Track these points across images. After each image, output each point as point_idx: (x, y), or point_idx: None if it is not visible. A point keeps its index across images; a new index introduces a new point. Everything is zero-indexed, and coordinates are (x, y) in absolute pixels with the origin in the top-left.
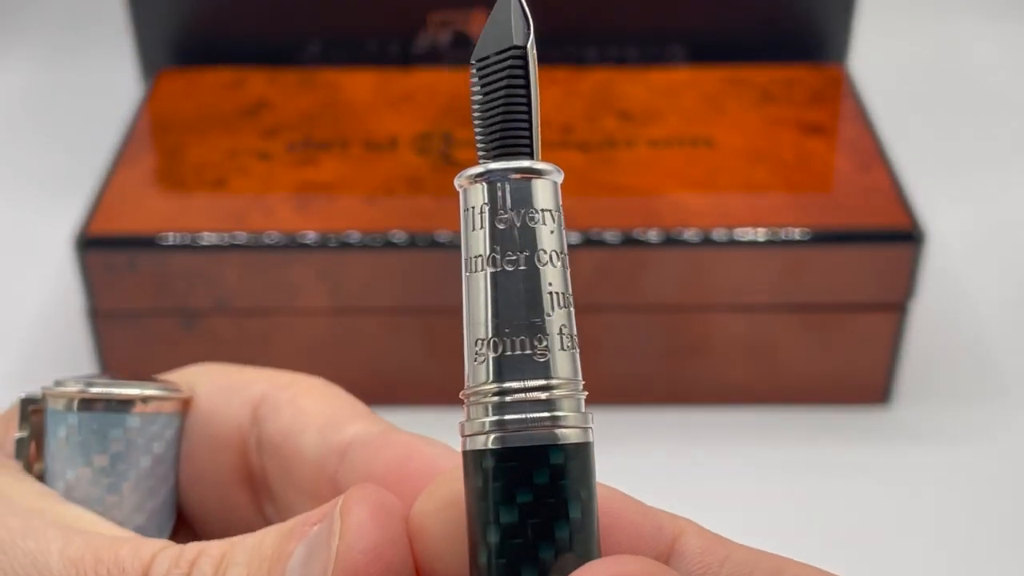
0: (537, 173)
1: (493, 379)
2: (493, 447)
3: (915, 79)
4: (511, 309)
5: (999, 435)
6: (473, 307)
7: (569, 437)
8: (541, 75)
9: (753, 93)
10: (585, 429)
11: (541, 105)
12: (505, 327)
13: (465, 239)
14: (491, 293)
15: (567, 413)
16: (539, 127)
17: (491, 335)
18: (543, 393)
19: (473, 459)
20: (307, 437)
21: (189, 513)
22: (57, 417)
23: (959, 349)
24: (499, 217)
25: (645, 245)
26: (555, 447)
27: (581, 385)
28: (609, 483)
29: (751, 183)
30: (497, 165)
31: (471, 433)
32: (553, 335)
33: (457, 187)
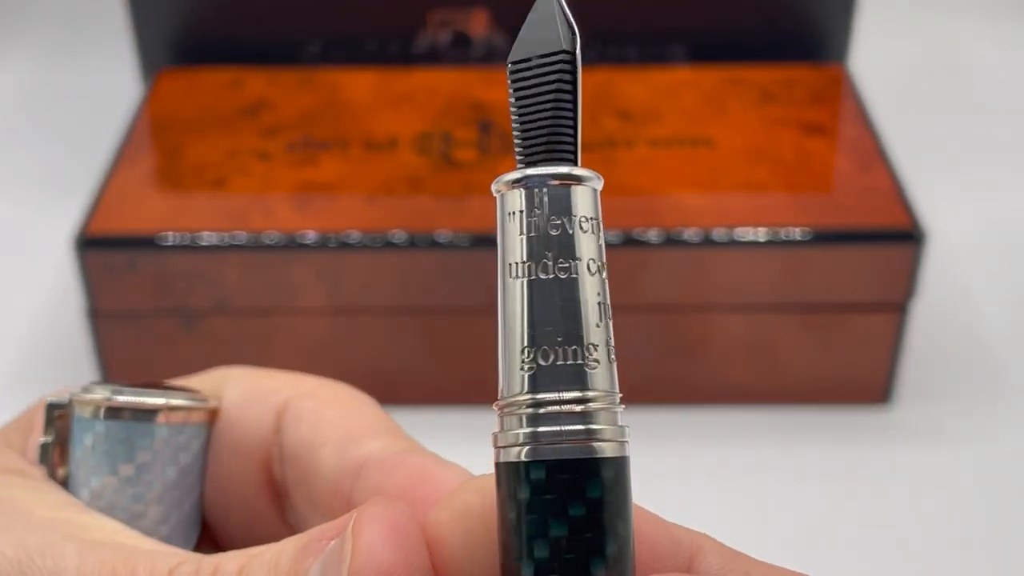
0: (577, 179)
1: (528, 390)
2: (527, 459)
3: (915, 79)
4: (548, 318)
5: (999, 435)
6: (509, 315)
7: (605, 450)
8: None
9: (753, 93)
10: (622, 443)
11: None
12: (542, 337)
13: (502, 245)
14: (528, 302)
15: (603, 426)
16: (580, 133)
17: (527, 344)
18: (579, 405)
19: (506, 471)
20: (325, 451)
21: (212, 521)
22: (84, 424)
23: (959, 349)
24: (537, 224)
25: (645, 245)
26: (591, 460)
27: (618, 398)
28: None
29: (751, 183)
30: (536, 171)
31: (505, 445)
32: (591, 346)
33: (494, 192)
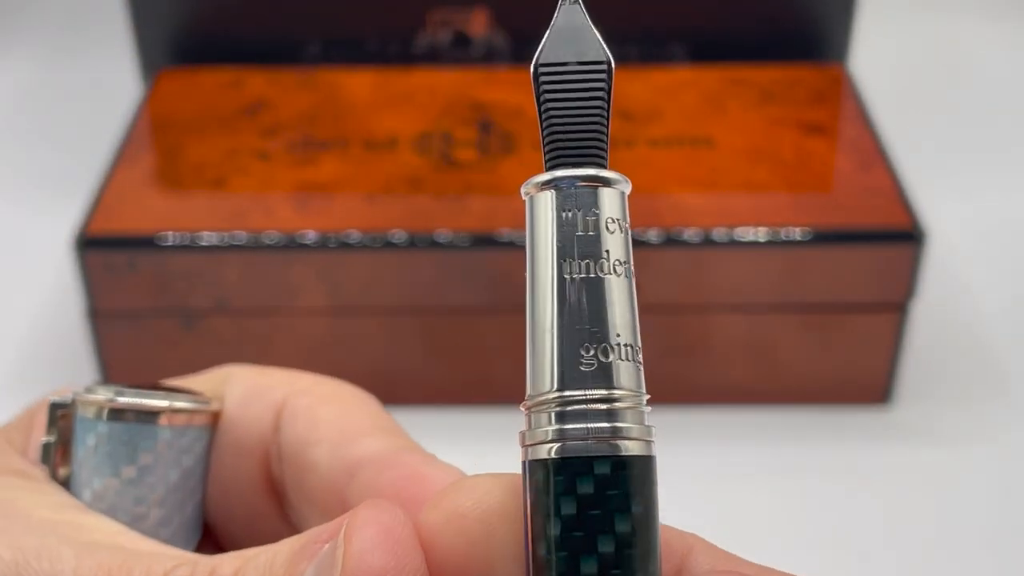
0: (605, 182)
1: (557, 388)
2: (555, 456)
3: (915, 79)
4: (576, 318)
5: (1000, 435)
6: (539, 315)
7: (631, 449)
8: None
9: (753, 93)
10: (648, 442)
11: None
12: (570, 336)
13: (531, 247)
14: (557, 301)
15: (630, 425)
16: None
17: (557, 344)
18: (605, 404)
19: (533, 468)
20: (320, 450)
21: (214, 521)
22: (86, 425)
23: (960, 349)
24: (566, 225)
25: (645, 245)
26: (613, 458)
27: (645, 399)
28: None
29: (751, 183)
30: (565, 172)
31: (533, 443)
32: (618, 345)
33: (523, 195)
